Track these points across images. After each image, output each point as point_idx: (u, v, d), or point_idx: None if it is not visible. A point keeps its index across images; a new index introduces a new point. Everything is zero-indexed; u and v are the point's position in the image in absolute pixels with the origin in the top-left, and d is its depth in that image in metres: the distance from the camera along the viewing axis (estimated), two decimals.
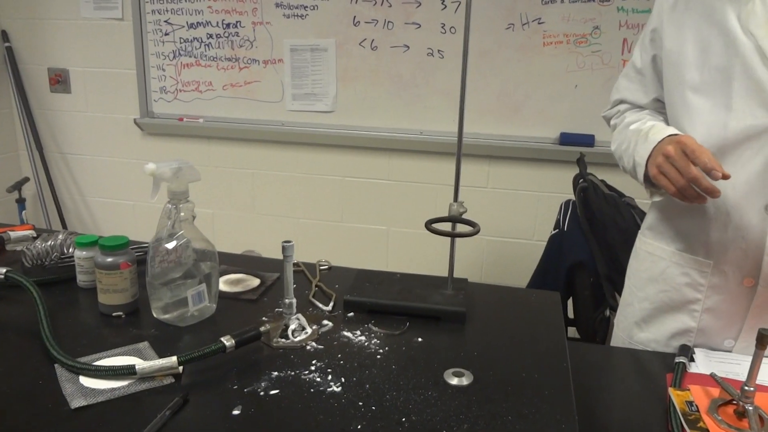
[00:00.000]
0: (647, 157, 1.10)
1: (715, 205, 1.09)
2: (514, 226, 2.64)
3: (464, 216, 1.12)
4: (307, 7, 2.59)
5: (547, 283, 2.01)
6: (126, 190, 3.03)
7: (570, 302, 2.07)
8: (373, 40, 2.56)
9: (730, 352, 1.16)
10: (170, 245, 1.04)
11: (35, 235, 1.39)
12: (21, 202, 3.02)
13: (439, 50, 2.52)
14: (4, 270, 1.15)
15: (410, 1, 2.49)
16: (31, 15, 2.89)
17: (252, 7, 2.64)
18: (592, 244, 1.85)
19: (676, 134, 1.08)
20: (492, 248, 2.68)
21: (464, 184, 2.58)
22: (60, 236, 1.35)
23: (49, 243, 1.30)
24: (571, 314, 2.09)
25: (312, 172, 2.79)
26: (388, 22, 2.53)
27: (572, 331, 2.08)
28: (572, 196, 2.02)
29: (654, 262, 1.24)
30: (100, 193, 3.09)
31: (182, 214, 1.04)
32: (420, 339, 1.02)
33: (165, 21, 2.74)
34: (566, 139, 2.47)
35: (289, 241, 0.98)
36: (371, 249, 2.80)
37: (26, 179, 3.07)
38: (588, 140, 2.45)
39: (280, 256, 1.01)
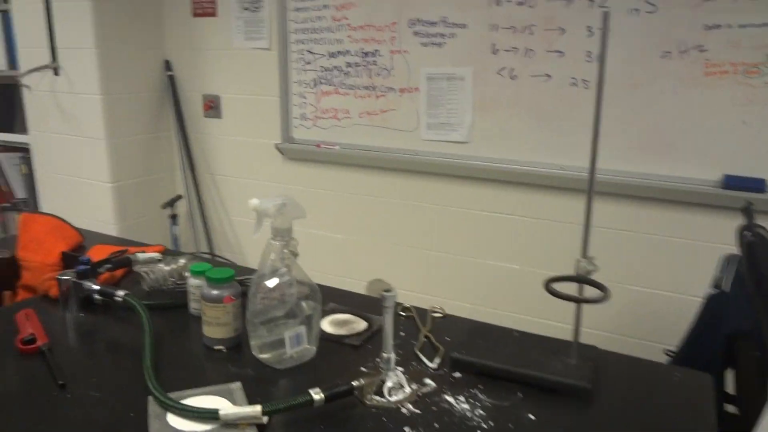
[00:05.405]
0: None
1: None
2: (661, 278, 2.35)
3: (596, 273, 0.97)
4: (444, 35, 2.53)
5: (701, 351, 1.73)
6: None
7: (727, 373, 1.77)
8: (512, 68, 2.44)
9: None
10: (271, 283, 1.00)
11: (160, 258, 1.43)
12: (173, 218, 3.25)
13: (583, 80, 2.33)
14: (122, 293, 1.18)
15: (553, 28, 2.34)
16: (191, 46, 3.12)
17: (390, 35, 2.63)
18: (760, 310, 1.56)
19: None
20: (633, 299, 2.40)
21: (604, 226, 2.38)
22: (182, 260, 1.37)
23: (169, 267, 1.32)
24: (729, 388, 1.79)
25: (443, 204, 2.70)
26: (529, 50, 2.39)
27: (732, 409, 1.78)
28: (735, 250, 1.74)
29: None
30: (243, 214, 3.24)
31: (285, 251, 1.00)
32: (532, 416, 0.88)
33: (308, 50, 2.82)
34: (731, 182, 2.16)
35: (389, 290, 0.90)
36: (502, 288, 2.64)
37: (179, 197, 3.30)
38: (758, 185, 2.12)
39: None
